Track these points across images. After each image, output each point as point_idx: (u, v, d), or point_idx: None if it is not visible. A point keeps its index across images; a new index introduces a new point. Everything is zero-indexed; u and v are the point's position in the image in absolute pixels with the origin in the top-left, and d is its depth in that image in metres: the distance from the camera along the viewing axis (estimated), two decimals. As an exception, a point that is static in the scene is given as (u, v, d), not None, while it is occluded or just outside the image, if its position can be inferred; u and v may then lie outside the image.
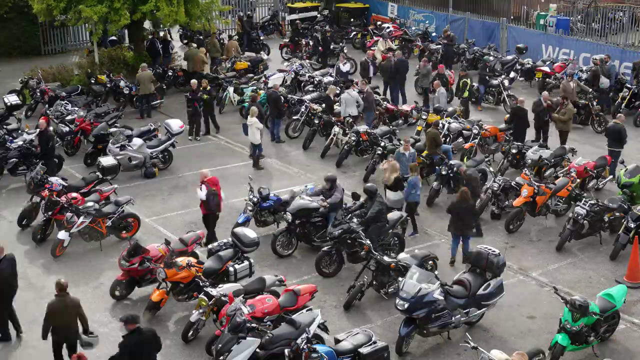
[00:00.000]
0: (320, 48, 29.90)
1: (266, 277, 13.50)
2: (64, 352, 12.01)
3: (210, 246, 14.57)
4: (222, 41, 30.47)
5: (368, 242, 14.30)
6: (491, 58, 27.79)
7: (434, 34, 32.35)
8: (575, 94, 23.35)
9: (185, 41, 32.67)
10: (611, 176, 18.76)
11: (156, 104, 24.63)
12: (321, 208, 15.76)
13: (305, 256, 15.80)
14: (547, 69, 26.93)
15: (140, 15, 25.05)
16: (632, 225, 15.59)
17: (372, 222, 14.98)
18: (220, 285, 12.97)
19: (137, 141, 19.80)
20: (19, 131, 20.36)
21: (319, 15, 35.71)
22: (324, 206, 15.76)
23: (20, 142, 19.34)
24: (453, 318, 12.67)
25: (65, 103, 22.50)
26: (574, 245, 16.24)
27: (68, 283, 11.81)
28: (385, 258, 14.00)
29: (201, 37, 30.85)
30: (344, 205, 15.78)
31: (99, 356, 12.57)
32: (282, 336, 11.68)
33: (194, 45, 28.67)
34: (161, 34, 29.57)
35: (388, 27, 32.88)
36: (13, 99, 23.23)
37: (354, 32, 33.62)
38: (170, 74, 26.88)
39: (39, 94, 23.99)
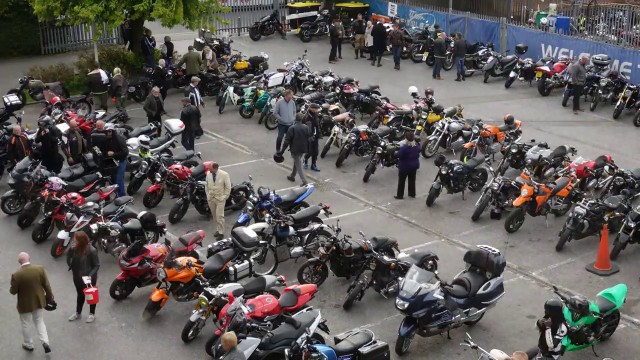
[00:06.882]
0: None
1: (266, 277, 13.51)
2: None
3: (210, 246, 14.60)
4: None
5: (367, 241, 14.30)
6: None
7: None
8: None
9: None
10: None
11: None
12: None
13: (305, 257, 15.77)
14: (547, 68, 26.92)
15: (139, 15, 25.00)
16: (632, 225, 15.60)
17: None
18: (220, 285, 12.98)
19: (136, 141, 19.76)
20: (19, 131, 20.34)
21: (318, 15, 35.68)
22: None
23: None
24: (453, 318, 12.67)
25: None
26: (574, 245, 16.24)
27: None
28: (385, 258, 14.00)
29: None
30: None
31: (99, 356, 12.59)
32: (282, 336, 11.70)
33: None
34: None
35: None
36: (13, 98, 23.20)
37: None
38: (169, 73, 26.82)
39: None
